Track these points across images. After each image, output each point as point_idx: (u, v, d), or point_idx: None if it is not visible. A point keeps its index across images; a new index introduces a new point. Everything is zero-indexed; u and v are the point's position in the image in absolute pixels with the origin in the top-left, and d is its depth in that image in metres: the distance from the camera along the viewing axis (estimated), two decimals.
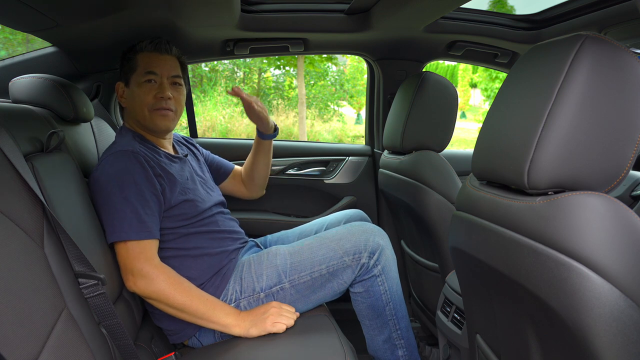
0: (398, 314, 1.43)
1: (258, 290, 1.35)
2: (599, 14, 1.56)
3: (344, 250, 1.36)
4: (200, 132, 9.14)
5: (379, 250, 1.37)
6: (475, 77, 16.03)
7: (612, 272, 0.64)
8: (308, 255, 1.37)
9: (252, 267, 1.39)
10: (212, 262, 1.38)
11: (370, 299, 1.41)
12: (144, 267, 1.21)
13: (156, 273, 1.22)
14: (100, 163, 1.31)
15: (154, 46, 1.42)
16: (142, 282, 1.21)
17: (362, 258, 1.36)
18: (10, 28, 2.04)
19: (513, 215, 0.78)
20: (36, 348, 0.74)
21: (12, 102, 1.40)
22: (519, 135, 0.77)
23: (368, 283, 1.39)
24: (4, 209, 0.80)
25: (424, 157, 1.55)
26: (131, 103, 1.43)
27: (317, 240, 1.40)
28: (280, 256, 1.38)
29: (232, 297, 1.36)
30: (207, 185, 1.53)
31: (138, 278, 1.21)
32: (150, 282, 1.21)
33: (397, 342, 1.45)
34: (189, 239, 1.36)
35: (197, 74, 10.88)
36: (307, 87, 11.14)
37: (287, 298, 1.36)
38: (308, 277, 1.36)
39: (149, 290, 1.21)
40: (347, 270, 1.36)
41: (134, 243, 1.23)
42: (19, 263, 0.78)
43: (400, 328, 1.44)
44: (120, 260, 1.24)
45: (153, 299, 1.23)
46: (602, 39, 0.70)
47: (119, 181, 1.25)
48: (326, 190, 2.15)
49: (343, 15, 1.80)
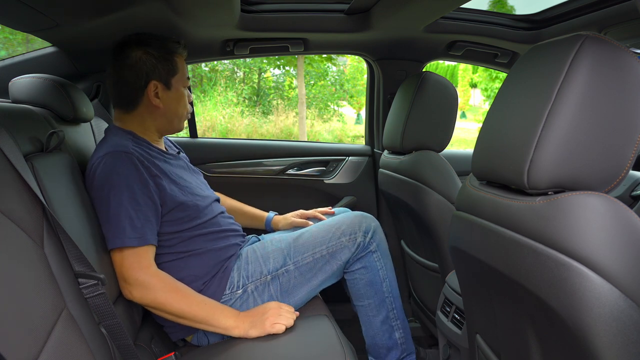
0: (394, 292, 1.52)
1: (265, 273, 1.40)
2: (599, 14, 1.56)
3: (341, 231, 1.46)
4: (200, 132, 9.14)
5: (372, 229, 1.48)
6: (475, 77, 16.03)
7: (612, 272, 0.64)
8: (309, 238, 1.46)
9: (257, 252, 1.45)
10: (216, 258, 1.39)
11: (368, 274, 1.49)
12: (140, 275, 1.20)
13: (152, 282, 1.20)
14: (93, 164, 1.26)
15: (185, 51, 1.43)
16: (138, 291, 1.20)
17: (358, 237, 1.46)
18: (10, 28, 2.04)
19: (513, 215, 0.78)
20: (36, 348, 0.74)
21: (12, 102, 1.40)
22: (519, 135, 0.77)
23: (365, 259, 1.48)
24: (4, 209, 0.80)
25: (424, 157, 1.55)
26: (169, 105, 1.40)
27: (316, 227, 1.51)
28: (284, 241, 1.47)
29: (238, 283, 1.38)
30: (200, 181, 1.54)
31: (134, 287, 1.20)
32: (147, 291, 1.20)
33: (394, 323, 1.52)
34: (194, 241, 1.36)
35: (197, 74, 10.88)
36: (307, 87, 11.15)
37: (291, 280, 1.42)
38: (310, 258, 1.43)
39: (146, 299, 1.20)
40: (344, 250, 1.46)
41: (129, 250, 1.21)
42: (19, 263, 0.78)
43: (396, 307, 1.52)
44: (116, 268, 1.21)
45: (150, 307, 1.23)
46: (602, 39, 0.70)
47: (111, 185, 1.22)
48: (326, 190, 2.15)
49: (343, 15, 1.80)
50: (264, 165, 2.15)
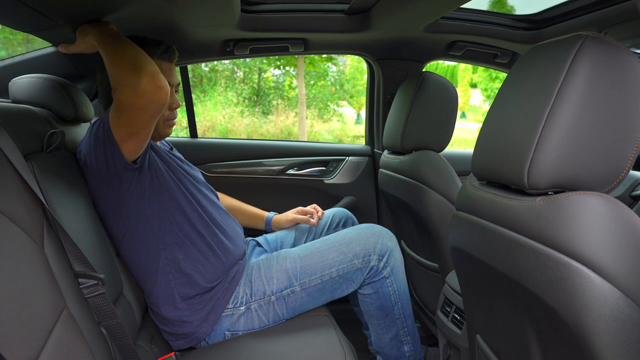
0: (405, 312, 1.47)
1: (269, 294, 1.36)
2: (599, 14, 1.56)
3: (354, 253, 1.38)
4: (200, 132, 9.14)
5: (387, 252, 1.40)
6: (475, 77, 16.02)
7: (612, 272, 0.64)
8: (318, 259, 1.38)
9: (261, 270, 1.39)
10: (222, 264, 1.36)
11: (379, 300, 1.43)
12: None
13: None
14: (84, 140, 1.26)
15: (168, 56, 1.36)
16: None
17: (372, 261, 1.38)
18: (10, 28, 2.04)
19: (513, 215, 0.78)
20: (36, 348, 0.74)
21: (12, 102, 1.39)
22: (519, 135, 0.77)
23: (377, 285, 1.41)
24: (4, 209, 0.80)
25: (424, 157, 1.55)
26: None
27: (326, 244, 1.42)
28: (290, 260, 1.40)
29: (242, 299, 1.36)
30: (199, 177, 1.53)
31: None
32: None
33: (404, 339, 1.48)
34: (199, 233, 1.34)
35: (197, 74, 10.88)
36: (307, 87, 11.14)
37: (298, 301, 1.37)
38: (319, 281, 1.37)
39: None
40: (357, 273, 1.39)
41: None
42: (19, 263, 0.78)
43: (407, 325, 1.48)
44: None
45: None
46: (602, 39, 0.70)
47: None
48: (326, 190, 2.15)
49: (343, 15, 1.80)
50: (264, 165, 2.15)
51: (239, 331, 1.35)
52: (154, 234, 1.28)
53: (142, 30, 1.54)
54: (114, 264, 1.25)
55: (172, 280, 1.31)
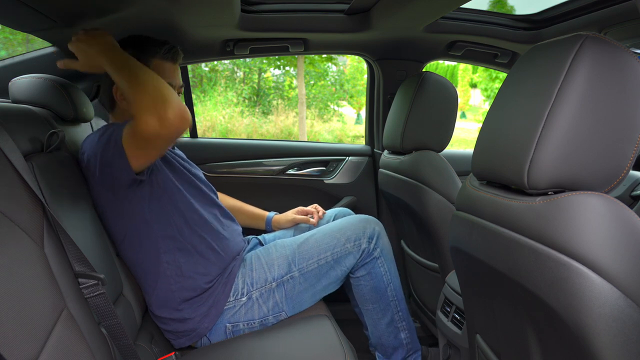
0: (398, 295, 1.52)
1: (270, 280, 1.40)
2: (599, 14, 1.56)
3: (346, 237, 1.45)
4: (200, 132, 9.14)
5: (376, 235, 1.47)
6: (475, 77, 16.02)
7: (612, 272, 0.64)
8: (314, 244, 1.45)
9: (261, 259, 1.44)
10: (223, 260, 1.38)
11: (372, 280, 1.48)
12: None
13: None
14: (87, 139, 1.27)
15: (172, 56, 1.34)
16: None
17: (362, 243, 1.45)
18: (10, 28, 2.04)
19: (513, 215, 0.78)
20: (36, 348, 0.74)
21: (12, 102, 1.40)
22: (519, 135, 0.77)
23: (370, 265, 1.47)
24: (4, 209, 0.80)
25: (424, 157, 1.55)
26: None
27: (320, 232, 1.49)
28: (288, 247, 1.45)
29: (243, 290, 1.38)
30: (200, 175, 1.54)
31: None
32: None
33: (399, 325, 1.52)
34: (200, 236, 1.35)
35: (197, 74, 10.88)
36: (307, 87, 11.14)
37: (296, 287, 1.41)
38: (315, 265, 1.43)
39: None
40: (349, 257, 1.45)
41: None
42: (19, 263, 0.78)
43: (401, 309, 1.52)
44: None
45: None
46: (602, 39, 0.70)
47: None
48: (326, 190, 2.15)
49: (343, 15, 1.80)
50: (264, 165, 2.15)
51: (240, 322, 1.37)
52: (154, 237, 1.29)
53: (142, 31, 1.54)
54: (114, 264, 1.25)
55: (173, 284, 1.31)
